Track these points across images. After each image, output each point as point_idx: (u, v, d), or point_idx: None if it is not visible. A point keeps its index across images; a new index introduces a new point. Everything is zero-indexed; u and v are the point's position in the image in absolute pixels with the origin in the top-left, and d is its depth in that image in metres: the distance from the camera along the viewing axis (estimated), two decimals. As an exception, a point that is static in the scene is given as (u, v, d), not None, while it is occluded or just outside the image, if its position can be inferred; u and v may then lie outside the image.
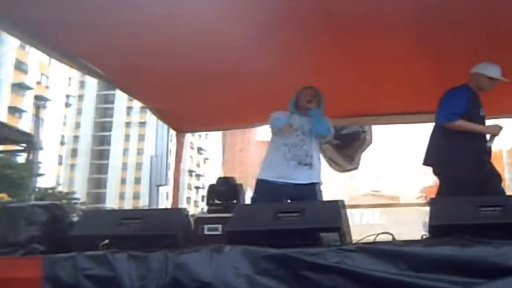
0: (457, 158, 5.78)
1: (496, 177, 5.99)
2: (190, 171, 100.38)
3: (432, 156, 6.07)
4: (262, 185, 6.13)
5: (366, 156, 10.96)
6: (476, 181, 5.67)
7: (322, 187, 6.24)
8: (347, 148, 10.41)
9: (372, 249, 3.34)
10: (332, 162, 10.53)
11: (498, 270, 3.02)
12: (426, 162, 6.16)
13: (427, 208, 4.03)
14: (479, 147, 5.86)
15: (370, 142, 10.51)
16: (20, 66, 64.53)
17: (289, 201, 5.81)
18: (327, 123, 6.09)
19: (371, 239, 3.84)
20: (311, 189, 6.03)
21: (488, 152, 5.95)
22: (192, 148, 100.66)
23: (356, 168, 10.95)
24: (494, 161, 6.14)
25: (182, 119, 8.30)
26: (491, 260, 3.08)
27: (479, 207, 3.72)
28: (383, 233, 4.03)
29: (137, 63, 6.16)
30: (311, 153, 6.08)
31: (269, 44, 6.20)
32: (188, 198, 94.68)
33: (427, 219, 3.85)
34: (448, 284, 3.04)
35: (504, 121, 8.34)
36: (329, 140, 6.47)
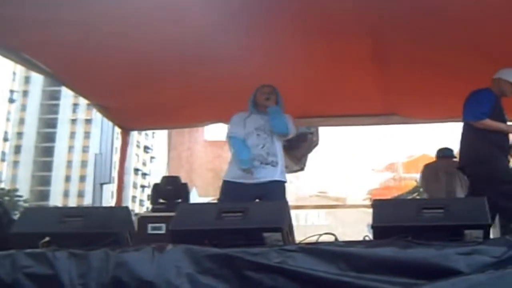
0: (491, 157, 5.89)
1: None
2: (136, 170, 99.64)
3: (466, 157, 6.14)
4: (226, 186, 6.04)
5: (313, 158, 11.00)
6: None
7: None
8: (294, 149, 10.41)
9: (314, 250, 3.34)
10: (279, 163, 10.52)
11: (439, 271, 3.04)
12: (461, 166, 6.24)
13: (371, 210, 4.05)
14: (507, 146, 6.00)
15: (317, 144, 10.55)
16: (-38, 60, 63.05)
17: (257, 200, 5.77)
18: (285, 121, 6.01)
19: (314, 239, 3.83)
20: (276, 187, 5.96)
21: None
22: (138, 146, 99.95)
23: (302, 169, 10.96)
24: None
25: (128, 117, 8.19)
26: (432, 261, 3.10)
27: (422, 209, 3.75)
28: (325, 233, 4.03)
29: (82, 59, 6.04)
30: (273, 151, 6.00)
31: (218, 42, 6.16)
32: (134, 197, 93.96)
33: (371, 221, 3.87)
34: (389, 285, 3.05)
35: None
36: (291, 137, 6.36)
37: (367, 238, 3.85)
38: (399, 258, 3.16)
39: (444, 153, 8.68)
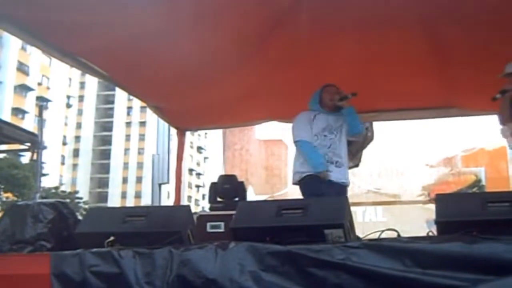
0: None
1: None
2: (190, 170, 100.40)
3: None
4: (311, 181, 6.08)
5: (368, 153, 10.84)
6: None
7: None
8: (348, 145, 10.28)
9: (378, 246, 3.30)
10: (334, 160, 10.38)
11: (509, 266, 2.96)
12: None
13: (429, 206, 3.97)
14: None
15: (372, 139, 10.38)
16: (22, 68, 64.87)
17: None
18: (360, 121, 6.10)
19: (374, 236, 3.78)
20: (343, 189, 6.04)
21: None
22: (192, 147, 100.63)
23: (357, 165, 10.79)
24: (498, 157, 6.10)
25: (183, 117, 8.22)
26: (502, 256, 3.02)
27: (487, 202, 3.65)
28: (388, 229, 3.96)
29: (137, 61, 6.09)
30: (339, 152, 6.08)
31: (270, 40, 6.17)
32: (189, 197, 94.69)
33: (429, 217, 3.79)
34: (457, 281, 2.99)
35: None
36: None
37: (430, 234, 3.78)
38: (467, 254, 3.07)
39: None
